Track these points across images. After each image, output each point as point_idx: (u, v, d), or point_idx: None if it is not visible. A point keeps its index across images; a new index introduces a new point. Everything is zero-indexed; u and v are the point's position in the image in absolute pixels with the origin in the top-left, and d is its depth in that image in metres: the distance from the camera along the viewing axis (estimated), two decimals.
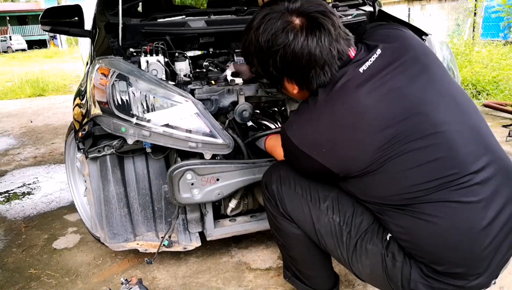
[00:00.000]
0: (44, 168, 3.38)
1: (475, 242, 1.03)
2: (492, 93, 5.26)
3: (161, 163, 1.73)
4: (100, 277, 1.84)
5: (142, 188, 1.72)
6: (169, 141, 1.50)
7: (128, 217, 1.71)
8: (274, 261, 1.90)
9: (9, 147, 4.09)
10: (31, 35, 31.20)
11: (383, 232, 1.15)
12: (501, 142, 3.50)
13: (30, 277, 1.87)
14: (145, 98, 1.50)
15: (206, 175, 1.53)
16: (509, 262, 1.14)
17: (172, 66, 1.73)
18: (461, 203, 1.02)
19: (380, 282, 1.20)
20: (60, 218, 2.44)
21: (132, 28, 1.93)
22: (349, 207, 1.21)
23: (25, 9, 33.29)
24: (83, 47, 5.13)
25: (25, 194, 2.85)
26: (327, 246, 1.25)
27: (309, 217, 1.25)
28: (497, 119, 4.30)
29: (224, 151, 1.53)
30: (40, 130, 4.74)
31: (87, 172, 1.68)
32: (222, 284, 1.76)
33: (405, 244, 1.10)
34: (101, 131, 1.59)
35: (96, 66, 1.61)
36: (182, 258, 1.94)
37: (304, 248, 1.34)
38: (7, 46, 27.78)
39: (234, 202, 1.78)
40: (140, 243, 1.74)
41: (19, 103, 6.81)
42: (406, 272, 1.11)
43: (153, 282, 1.79)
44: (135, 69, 1.56)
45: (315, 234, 1.25)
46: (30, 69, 11.19)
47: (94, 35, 2.09)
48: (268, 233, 2.12)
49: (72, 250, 2.09)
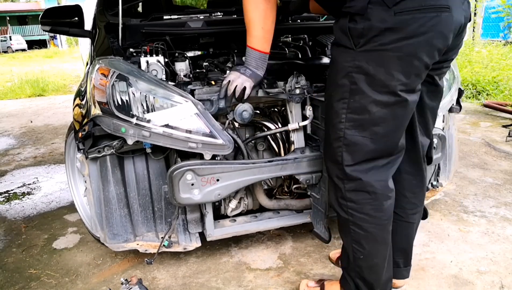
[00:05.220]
0: (44, 168, 3.38)
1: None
2: (492, 93, 5.27)
3: (161, 163, 1.73)
4: (100, 277, 1.84)
5: (142, 189, 1.72)
6: (169, 142, 1.50)
7: (128, 217, 1.71)
8: (274, 261, 1.90)
9: (9, 147, 4.09)
10: (31, 35, 31.16)
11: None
12: (501, 142, 3.51)
13: (30, 277, 1.87)
14: (145, 98, 1.50)
15: (206, 175, 1.53)
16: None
17: (172, 67, 1.73)
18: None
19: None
20: (60, 218, 2.44)
21: (132, 28, 1.93)
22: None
23: (25, 9, 33.25)
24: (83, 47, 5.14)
25: (25, 194, 2.85)
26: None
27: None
28: (497, 119, 4.30)
29: (224, 151, 1.53)
30: (40, 130, 4.74)
31: (87, 173, 1.68)
32: (222, 284, 1.76)
33: None
34: (101, 131, 1.59)
35: (96, 67, 1.62)
36: (182, 258, 1.94)
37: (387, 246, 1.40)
38: (7, 46, 27.74)
39: (234, 202, 1.78)
40: (140, 244, 1.74)
41: (19, 103, 6.81)
42: None
43: (153, 282, 1.79)
44: (135, 69, 1.56)
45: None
46: (30, 69, 11.19)
47: (94, 35, 2.10)
48: (268, 233, 2.13)
49: (72, 250, 2.09)
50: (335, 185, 1.37)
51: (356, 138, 1.27)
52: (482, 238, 2.03)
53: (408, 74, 1.19)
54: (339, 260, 1.64)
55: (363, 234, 1.36)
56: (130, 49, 1.81)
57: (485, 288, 1.67)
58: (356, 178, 1.31)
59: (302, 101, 1.68)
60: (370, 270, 1.41)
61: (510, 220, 2.20)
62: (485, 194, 2.52)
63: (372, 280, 1.42)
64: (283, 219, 1.83)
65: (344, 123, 1.27)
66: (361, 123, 1.25)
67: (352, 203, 1.34)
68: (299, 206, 1.85)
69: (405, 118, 1.28)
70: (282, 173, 1.64)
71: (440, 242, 2.00)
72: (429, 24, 1.14)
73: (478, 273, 1.76)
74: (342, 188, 1.34)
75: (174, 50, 1.89)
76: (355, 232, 1.37)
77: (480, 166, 2.99)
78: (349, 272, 1.46)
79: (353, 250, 1.39)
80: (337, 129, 1.29)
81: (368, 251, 1.38)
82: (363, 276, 1.42)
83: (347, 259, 1.45)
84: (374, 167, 1.30)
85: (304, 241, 2.05)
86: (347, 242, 1.42)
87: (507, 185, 2.65)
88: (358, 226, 1.36)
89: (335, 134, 1.30)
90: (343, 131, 1.28)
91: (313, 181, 1.67)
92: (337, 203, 1.39)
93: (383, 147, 1.29)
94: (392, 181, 1.37)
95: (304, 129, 1.73)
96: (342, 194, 1.35)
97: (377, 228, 1.36)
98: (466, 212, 2.30)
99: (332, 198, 1.42)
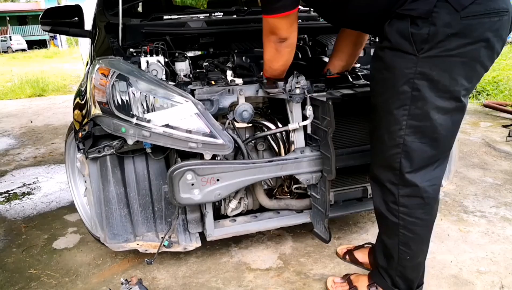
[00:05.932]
0: (44, 168, 3.38)
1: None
2: (492, 93, 5.27)
3: (161, 163, 1.73)
4: (100, 277, 1.84)
5: (142, 189, 1.72)
6: (169, 142, 1.50)
7: (128, 217, 1.71)
8: (274, 261, 1.90)
9: (9, 147, 4.09)
10: (31, 35, 31.15)
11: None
12: (501, 142, 3.51)
13: (30, 277, 1.87)
14: (145, 98, 1.50)
15: (206, 175, 1.53)
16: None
17: (172, 66, 1.73)
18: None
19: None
20: (60, 218, 2.44)
21: (132, 28, 1.93)
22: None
23: (25, 9, 33.26)
24: (83, 47, 5.14)
25: (25, 194, 2.85)
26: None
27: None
28: (497, 119, 4.30)
29: (224, 151, 1.53)
30: (40, 130, 4.74)
31: (87, 173, 1.68)
32: (222, 284, 1.76)
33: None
34: (101, 131, 1.59)
35: (96, 66, 1.61)
36: (182, 258, 1.94)
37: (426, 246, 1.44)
38: (7, 46, 27.73)
39: (234, 202, 1.78)
40: (140, 244, 1.74)
41: (19, 103, 6.81)
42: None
43: (153, 282, 1.79)
44: (135, 69, 1.56)
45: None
46: (30, 69, 11.20)
47: (94, 35, 2.10)
48: (268, 233, 2.13)
49: (72, 250, 2.09)
50: (387, 190, 1.37)
51: (416, 145, 1.25)
52: (482, 238, 2.03)
53: (471, 79, 1.19)
54: (370, 256, 1.74)
55: (412, 237, 1.38)
56: (130, 49, 1.81)
57: (485, 288, 1.67)
58: (412, 184, 1.31)
59: (302, 101, 1.68)
60: (413, 269, 1.45)
61: (510, 220, 2.20)
62: (485, 194, 2.52)
63: (413, 278, 1.46)
64: (283, 219, 1.83)
65: (404, 130, 1.25)
66: (422, 130, 1.24)
67: (405, 208, 1.34)
68: (299, 206, 1.85)
69: (460, 123, 1.29)
70: (282, 173, 1.64)
71: (440, 242, 2.00)
72: (493, 28, 1.13)
73: (478, 273, 1.76)
74: (396, 194, 1.34)
75: (174, 50, 1.89)
76: (404, 235, 1.38)
77: (480, 166, 2.99)
78: (388, 271, 1.48)
79: (399, 251, 1.41)
80: (396, 136, 1.27)
81: (414, 252, 1.41)
82: (405, 274, 1.45)
83: (389, 260, 1.47)
84: (428, 172, 1.30)
85: (304, 241, 2.05)
86: (393, 244, 1.43)
87: (507, 185, 2.65)
88: (408, 230, 1.37)
89: (393, 141, 1.28)
90: (403, 137, 1.26)
91: (313, 181, 1.67)
92: (386, 207, 1.39)
93: (441, 152, 1.29)
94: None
95: (304, 129, 1.73)
96: (394, 199, 1.35)
97: (425, 230, 1.40)
98: (466, 212, 2.30)
99: (379, 202, 1.42)
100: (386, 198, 1.38)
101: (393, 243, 1.42)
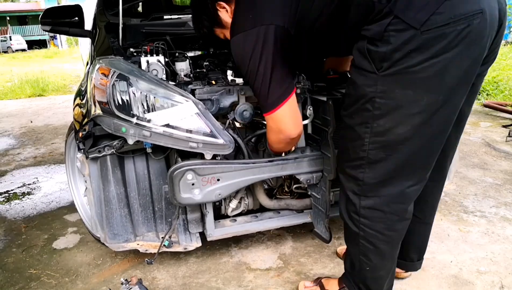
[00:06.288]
0: (44, 168, 3.38)
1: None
2: (492, 93, 5.27)
3: (161, 163, 1.73)
4: (100, 277, 1.84)
5: (142, 188, 1.72)
6: (169, 141, 1.50)
7: (129, 217, 1.71)
8: (274, 261, 1.90)
9: (9, 147, 4.09)
10: (31, 35, 31.15)
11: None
12: (501, 142, 3.51)
13: (30, 277, 1.87)
14: (146, 98, 1.50)
15: (206, 175, 1.53)
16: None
17: (172, 66, 1.73)
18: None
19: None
20: (60, 218, 2.44)
21: (132, 28, 1.94)
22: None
23: (25, 9, 33.26)
24: (83, 47, 5.13)
25: (25, 194, 2.85)
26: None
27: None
28: (497, 119, 4.31)
29: (225, 151, 1.53)
30: (40, 130, 4.74)
31: (87, 172, 1.68)
32: (222, 284, 1.76)
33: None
34: (101, 131, 1.59)
35: (96, 66, 1.61)
36: (182, 258, 1.94)
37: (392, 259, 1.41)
38: (7, 46, 27.73)
39: (235, 202, 1.78)
40: (141, 244, 1.74)
41: (19, 103, 6.81)
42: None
43: (153, 282, 1.79)
44: (135, 69, 1.56)
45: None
46: (30, 69, 11.19)
47: (94, 35, 2.10)
48: (268, 233, 2.13)
49: (72, 250, 2.09)
50: (349, 199, 1.34)
51: (380, 157, 1.22)
52: (482, 238, 2.03)
53: (438, 93, 1.12)
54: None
55: (372, 249, 1.35)
56: (131, 49, 1.81)
57: (485, 288, 1.67)
58: (374, 196, 1.28)
59: (303, 101, 1.68)
60: (374, 281, 1.43)
61: (510, 220, 2.20)
62: (485, 194, 2.52)
63: (374, 289, 1.44)
64: (283, 219, 1.83)
65: (367, 145, 1.23)
66: (386, 144, 1.21)
67: (365, 219, 1.32)
68: (299, 206, 1.85)
69: (432, 136, 1.21)
70: (282, 173, 1.64)
71: (440, 242, 2.00)
72: (459, 37, 1.05)
73: (478, 273, 1.76)
74: (357, 204, 1.32)
75: (174, 49, 1.88)
76: (364, 246, 1.36)
77: (480, 166, 2.99)
78: (353, 277, 1.47)
79: (360, 261, 1.40)
80: (360, 150, 1.25)
81: (375, 264, 1.38)
82: (367, 284, 1.43)
83: (352, 267, 1.46)
84: (394, 186, 1.27)
85: (304, 241, 2.05)
86: (354, 253, 1.42)
87: (507, 185, 2.65)
88: (367, 241, 1.35)
89: (357, 154, 1.26)
90: (366, 152, 1.24)
91: (314, 181, 1.67)
92: (348, 216, 1.37)
93: (406, 166, 1.24)
94: (413, 205, 1.34)
95: (305, 128, 1.72)
96: (355, 209, 1.33)
97: (387, 245, 1.35)
98: (466, 212, 2.30)
99: (343, 210, 1.40)
100: (348, 206, 1.36)
101: (355, 251, 1.41)
